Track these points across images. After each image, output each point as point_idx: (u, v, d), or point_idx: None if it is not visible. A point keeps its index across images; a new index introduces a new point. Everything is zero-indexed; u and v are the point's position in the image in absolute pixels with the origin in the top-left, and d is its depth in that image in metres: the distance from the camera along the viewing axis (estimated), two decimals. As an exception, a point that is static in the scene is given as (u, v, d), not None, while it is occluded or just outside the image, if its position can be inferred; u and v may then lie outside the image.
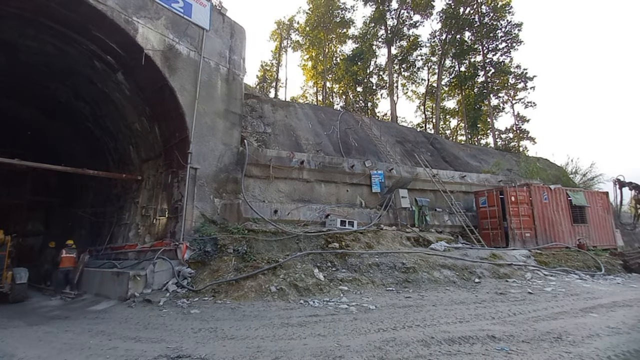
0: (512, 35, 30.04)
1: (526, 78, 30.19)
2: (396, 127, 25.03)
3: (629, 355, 3.76)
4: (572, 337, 4.37)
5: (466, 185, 15.80)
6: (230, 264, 7.85)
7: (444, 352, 3.80)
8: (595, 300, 6.67)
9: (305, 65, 37.38)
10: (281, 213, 10.91)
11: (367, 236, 10.16)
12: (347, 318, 5.47)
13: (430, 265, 8.83)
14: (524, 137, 29.83)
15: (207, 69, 10.52)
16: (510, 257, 10.20)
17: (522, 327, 4.79)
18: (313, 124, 18.07)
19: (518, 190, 12.98)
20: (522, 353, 3.81)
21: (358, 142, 18.45)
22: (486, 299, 6.91)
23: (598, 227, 14.07)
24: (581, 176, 20.18)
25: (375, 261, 8.70)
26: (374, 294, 7.36)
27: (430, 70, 35.04)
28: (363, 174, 13.41)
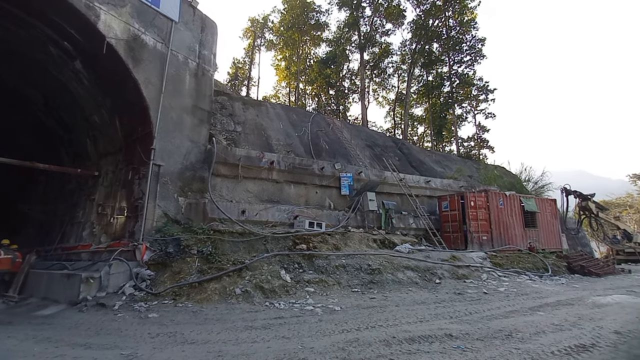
0: (476, 49, 31.88)
1: (487, 90, 32.11)
2: (366, 131, 25.56)
3: (570, 350, 4.09)
4: (521, 334, 4.68)
5: (430, 190, 16.46)
6: (194, 265, 7.58)
7: (405, 351, 3.92)
8: (542, 300, 7.20)
9: (278, 65, 37.17)
10: (249, 213, 10.72)
11: (334, 238, 10.25)
12: (312, 320, 5.49)
13: (395, 266, 9.08)
14: (484, 146, 31.67)
15: (175, 63, 10.13)
16: (469, 258, 10.76)
17: (477, 326, 5.06)
18: (284, 124, 17.98)
19: (477, 196, 13.74)
20: (476, 350, 4.01)
21: (329, 144, 18.61)
22: (445, 299, 7.23)
23: (547, 232, 15.23)
24: (533, 184, 21.77)
25: (342, 263, 8.80)
26: (340, 295, 7.44)
27: (400, 78, 36.24)
28: (332, 176, 13.54)
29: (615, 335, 4.63)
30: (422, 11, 30.79)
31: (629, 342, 4.34)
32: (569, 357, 3.85)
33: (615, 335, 4.63)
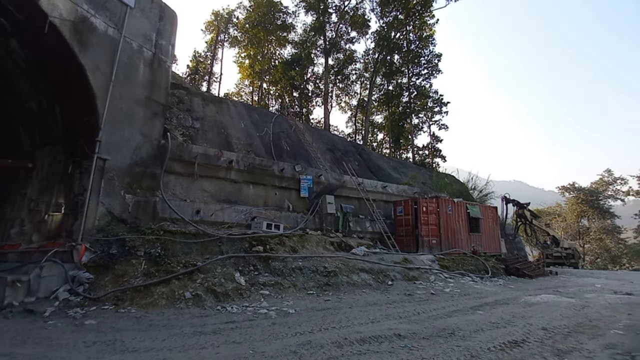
0: (433, 64, 33.85)
1: (442, 103, 34.17)
2: (328, 135, 25.89)
3: (504, 346, 4.45)
4: (462, 332, 5.00)
5: (387, 195, 17.08)
6: (140, 268, 7.10)
7: (355, 352, 4.01)
8: (482, 300, 7.78)
9: (242, 62, 36.32)
10: (204, 214, 10.32)
11: (292, 240, 10.21)
12: (265, 323, 5.40)
13: (350, 269, 9.27)
14: (437, 155, 33.59)
15: (128, 50, 9.47)
16: (419, 261, 11.32)
17: (424, 325, 5.33)
18: (246, 123, 17.61)
19: (429, 202, 14.54)
20: (421, 348, 4.22)
21: (290, 146, 18.56)
22: (396, 300, 7.53)
23: (488, 236, 16.53)
24: (478, 192, 23.52)
25: (298, 265, 8.79)
26: (295, 297, 7.42)
27: (363, 85, 37.31)
28: (292, 178, 13.51)
29: (543, 331, 5.14)
30: (386, 23, 32.03)
31: (554, 337, 4.84)
32: (502, 352, 4.19)
33: (542, 331, 5.14)
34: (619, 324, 5.55)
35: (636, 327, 5.37)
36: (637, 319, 5.96)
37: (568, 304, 7.26)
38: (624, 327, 5.40)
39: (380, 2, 31.35)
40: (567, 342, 4.60)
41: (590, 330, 5.20)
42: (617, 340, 4.71)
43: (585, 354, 4.16)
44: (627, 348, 4.32)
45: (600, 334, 5.03)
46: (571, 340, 4.68)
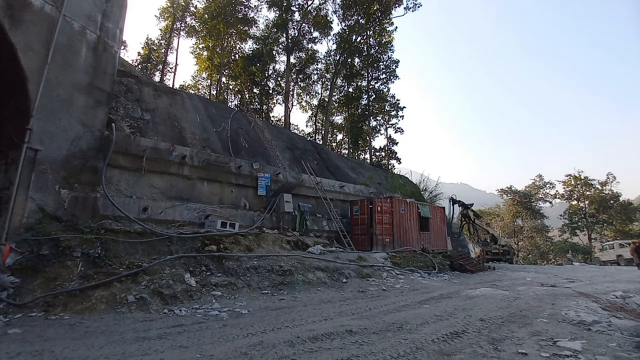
0: (391, 69, 35.18)
1: (398, 107, 35.66)
2: (288, 133, 25.73)
3: (446, 337, 4.75)
4: (409, 326, 5.26)
5: (344, 194, 17.41)
6: (75, 270, 6.48)
7: (307, 350, 4.03)
8: (429, 294, 8.25)
9: (199, 54, 34.71)
10: (152, 211, 9.71)
11: (248, 239, 10.00)
12: (216, 325, 5.22)
13: (306, 267, 9.31)
14: (393, 157, 34.98)
15: (68, 31, 8.59)
16: (373, 259, 11.70)
17: (375, 320, 5.51)
18: (202, 117, 16.88)
19: (383, 202, 15.08)
20: (371, 343, 4.36)
21: (249, 143, 18.16)
22: (350, 297, 7.71)
23: (436, 235, 17.56)
24: (429, 193, 24.93)
25: (253, 264, 8.63)
26: (249, 297, 7.27)
27: (324, 86, 37.65)
28: (250, 176, 13.23)
29: (481, 322, 5.57)
30: (347, 26, 32.60)
31: (489, 327, 5.27)
32: (445, 343, 4.47)
33: (480, 322, 5.57)
34: (544, 313, 6.19)
35: (558, 316, 6.03)
36: (559, 308, 6.69)
37: (503, 296, 7.95)
38: (548, 315, 6.04)
39: (342, 5, 31.84)
40: (500, 331, 5.04)
41: (520, 320, 5.74)
42: (542, 328, 5.25)
43: (515, 341, 4.58)
44: (550, 334, 4.84)
45: (529, 322, 5.58)
46: (504, 330, 5.14)
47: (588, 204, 41.15)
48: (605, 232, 39.27)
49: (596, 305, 6.65)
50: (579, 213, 41.51)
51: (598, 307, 6.54)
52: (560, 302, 7.13)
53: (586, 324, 5.31)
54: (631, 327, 5.02)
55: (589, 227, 40.17)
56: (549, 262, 35.20)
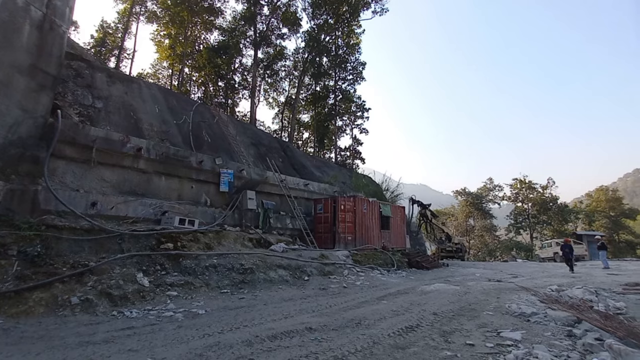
0: (358, 71, 35.82)
1: (364, 109, 36.43)
2: (253, 129, 25.25)
3: (401, 331, 4.94)
4: (368, 322, 5.40)
5: (308, 193, 17.46)
6: (10, 270, 5.86)
7: (265, 349, 3.98)
8: (387, 290, 8.53)
9: (160, 42, 32.78)
10: (102, 207, 9.06)
11: (208, 236, 9.68)
12: (170, 327, 4.99)
13: (268, 265, 9.20)
14: (357, 157, 35.70)
15: (10, 6, 7.74)
16: (335, 257, 11.87)
17: (334, 317, 5.59)
18: (161, 109, 16.03)
19: (347, 201, 15.35)
20: (330, 340, 4.42)
21: (212, 137, 17.55)
22: (311, 294, 7.75)
23: (396, 233, 18.23)
24: (390, 193, 25.80)
25: (213, 263, 8.36)
26: (207, 297, 7.04)
27: (292, 83, 37.38)
28: (212, 171, 12.81)
29: (434, 316, 5.86)
30: (316, 25, 32.62)
31: (441, 321, 5.57)
32: (400, 337, 4.65)
33: (433, 316, 5.86)
34: (490, 307, 6.67)
35: (502, 309, 6.52)
36: (503, 301, 7.24)
37: (454, 291, 8.44)
38: (493, 308, 6.51)
39: (312, 3, 31.79)
40: (451, 324, 5.34)
41: (469, 313, 6.13)
42: (488, 320, 5.65)
43: (464, 333, 4.89)
44: (495, 326, 5.23)
45: (476, 315, 5.98)
46: (454, 323, 5.46)
47: (531, 205, 44.97)
48: (545, 232, 43.16)
49: (535, 299, 7.29)
50: (523, 214, 45.22)
51: (536, 300, 7.17)
52: (505, 296, 7.72)
53: (526, 316, 5.80)
54: (563, 318, 5.56)
55: (531, 227, 43.92)
56: (496, 259, 38.01)
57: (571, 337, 4.68)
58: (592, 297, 7.42)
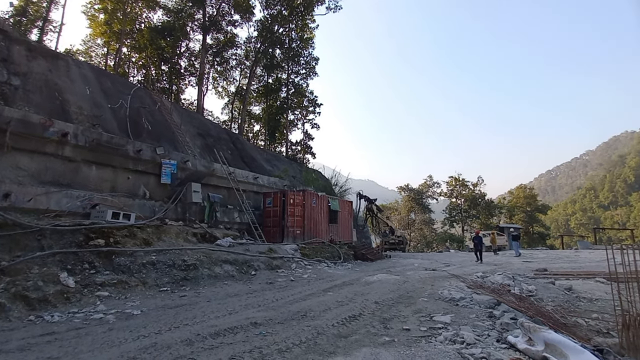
0: (311, 65, 35.84)
1: (316, 104, 36.63)
2: (201, 119, 24.01)
3: (345, 320, 5.13)
4: (313, 313, 5.51)
5: (258, 186, 17.15)
6: None
7: (207, 347, 3.86)
8: (333, 282, 8.78)
9: (95, 16, 29.35)
10: (18, 198, 7.95)
11: (146, 232, 9.01)
12: (99, 330, 4.58)
13: (213, 261, 8.88)
14: (308, 152, 35.87)
15: None
16: (283, 250, 11.87)
17: (280, 311, 5.61)
18: (94, 91, 14.46)
19: (296, 195, 15.39)
20: (275, 333, 4.43)
21: (153, 125, 16.31)
22: (258, 289, 7.66)
23: (344, 227, 18.78)
24: (339, 187, 26.44)
25: (151, 260, 7.83)
26: (144, 296, 6.59)
27: (243, 73, 36.10)
28: (152, 162, 11.94)
29: (375, 305, 6.18)
30: (270, 15, 31.87)
31: (382, 309, 5.89)
32: (343, 326, 4.83)
33: (375, 305, 6.18)
34: (425, 293, 7.22)
35: (435, 295, 7.10)
36: (436, 288, 7.88)
37: (395, 281, 8.98)
38: (428, 295, 7.07)
39: (266, -8, 30.98)
40: (390, 312, 5.69)
41: (407, 300, 6.58)
42: (423, 306, 6.12)
43: (401, 319, 5.24)
44: (429, 311, 5.68)
45: (413, 302, 6.44)
46: (394, 310, 5.82)
47: (463, 201, 49.43)
48: (474, 225, 47.77)
49: (463, 285, 8.06)
50: (457, 209, 49.56)
51: (465, 286, 7.94)
52: (438, 283, 8.41)
53: (455, 300, 6.39)
54: (486, 301, 6.24)
55: (463, 220, 48.37)
56: (432, 250, 41.15)
57: (492, 317, 5.28)
58: (510, 281, 8.43)
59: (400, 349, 3.82)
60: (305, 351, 3.75)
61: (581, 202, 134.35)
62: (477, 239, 16.93)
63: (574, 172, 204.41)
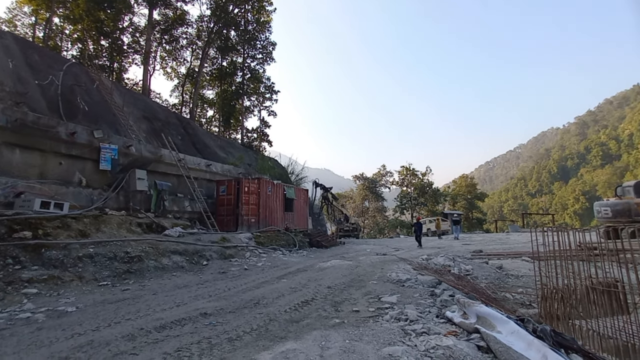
0: (268, 50, 34.79)
1: (273, 91, 35.81)
2: (147, 101, 22.30)
3: (297, 306, 5.21)
4: (266, 300, 5.51)
5: (211, 174, 16.50)
6: None
7: (152, 341, 3.68)
8: (288, 269, 8.83)
9: (16, -23, 25.44)
10: None
11: (82, 222, 8.26)
12: (26, 330, 4.14)
13: (160, 252, 8.43)
14: (265, 139, 35.15)
15: None
16: (237, 239, 11.63)
17: (232, 300, 5.52)
18: (18, 64, 12.71)
19: (251, 183, 15.09)
20: (226, 323, 4.36)
21: (90, 105, 14.82)
22: (209, 279, 7.46)
23: (299, 215, 18.88)
24: (295, 176, 26.42)
25: (89, 252, 7.21)
26: (80, 292, 6.07)
27: (195, 54, 33.92)
28: (89, 146, 10.89)
29: (328, 289, 6.35)
30: (225, -8, 30.17)
31: (334, 293, 6.07)
32: (296, 311, 4.90)
33: (327, 289, 6.34)
34: (375, 277, 7.57)
35: (384, 277, 7.48)
36: (386, 271, 8.30)
37: (347, 266, 9.29)
38: (377, 278, 7.42)
39: (220, -33, 29.14)
40: (342, 295, 5.89)
41: (358, 284, 6.85)
42: (373, 288, 6.41)
43: (352, 301, 5.45)
44: (377, 293, 5.97)
45: (364, 285, 6.72)
46: (345, 293, 6.03)
47: (413, 189, 52.27)
48: (422, 212, 50.86)
49: (410, 267, 8.59)
50: (407, 197, 52.29)
51: (411, 268, 8.46)
52: (387, 267, 8.86)
53: (402, 282, 6.79)
54: (429, 281, 6.72)
55: (412, 208, 51.23)
56: (384, 236, 43.18)
57: (433, 296, 5.71)
58: (451, 262, 9.17)
59: (349, 329, 3.98)
60: (256, 338, 3.74)
61: (513, 190, 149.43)
62: (417, 224, 17.59)
63: (509, 163, 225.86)
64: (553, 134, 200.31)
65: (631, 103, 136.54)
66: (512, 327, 3.50)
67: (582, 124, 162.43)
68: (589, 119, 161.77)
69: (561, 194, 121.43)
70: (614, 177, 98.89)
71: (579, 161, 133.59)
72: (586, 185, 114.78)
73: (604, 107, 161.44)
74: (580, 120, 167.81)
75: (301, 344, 3.48)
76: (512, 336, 3.33)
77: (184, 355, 3.26)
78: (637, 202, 13.17)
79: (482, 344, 3.42)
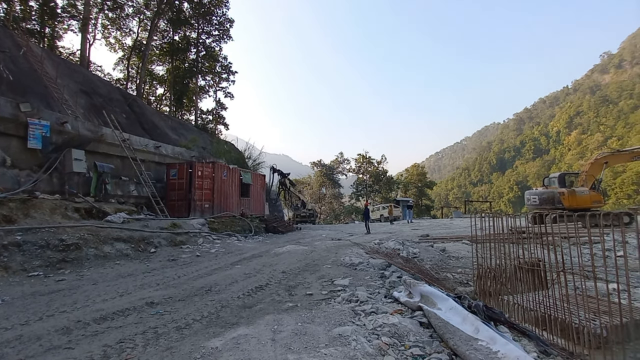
0: (225, 27, 32.95)
1: (230, 71, 34.24)
2: (85, 73, 20.11)
3: (251, 291, 5.18)
4: (219, 287, 5.40)
5: (160, 156, 15.51)
6: None
7: (90, 333, 3.44)
8: (242, 255, 8.71)
9: None
10: None
11: (7, 207, 7.36)
12: None
13: (102, 239, 7.82)
14: (220, 122, 33.72)
15: None
16: (189, 225, 11.17)
17: (182, 288, 5.33)
18: None
19: (205, 167, 14.46)
20: (174, 311, 4.20)
21: (16, 75, 13.03)
22: (157, 267, 7.10)
23: (256, 200, 18.61)
24: (252, 161, 25.86)
25: (15, 240, 6.46)
26: (6, 284, 5.46)
27: (142, 25, 31.05)
28: (15, 120, 9.62)
29: (282, 274, 6.39)
30: (176, -41, 27.75)
31: (288, 277, 6.13)
32: (249, 297, 4.87)
33: (282, 274, 6.38)
34: (329, 261, 7.77)
35: (338, 262, 7.70)
36: (340, 256, 8.54)
37: (303, 251, 9.41)
38: (332, 262, 7.62)
39: None
40: (296, 280, 5.96)
41: (312, 268, 6.98)
42: (326, 272, 6.58)
43: (306, 285, 5.55)
44: (331, 276, 6.14)
45: (318, 269, 6.86)
46: (299, 278, 6.11)
47: (369, 177, 54.00)
48: (377, 199, 52.95)
49: (362, 251, 8.93)
50: (363, 184, 53.95)
51: (364, 252, 8.80)
52: (341, 251, 9.13)
53: (354, 265, 7.05)
54: (380, 264, 7.05)
55: (367, 195, 53.05)
56: (340, 222, 44.35)
57: (383, 277, 6.01)
58: (400, 246, 9.69)
59: (302, 312, 4.07)
60: (207, 325, 3.67)
61: (458, 179, 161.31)
62: (366, 210, 18.02)
63: (455, 154, 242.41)
64: (495, 128, 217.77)
65: (560, 103, 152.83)
66: (451, 304, 3.82)
67: (519, 120, 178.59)
68: (525, 116, 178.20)
69: (498, 184, 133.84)
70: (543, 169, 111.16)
71: (515, 154, 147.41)
72: (520, 176, 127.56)
73: (538, 105, 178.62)
74: (517, 116, 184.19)
75: (253, 329, 3.48)
76: (450, 312, 3.64)
77: (126, 347, 3.10)
78: (560, 191, 14.94)
79: (424, 320, 3.70)
